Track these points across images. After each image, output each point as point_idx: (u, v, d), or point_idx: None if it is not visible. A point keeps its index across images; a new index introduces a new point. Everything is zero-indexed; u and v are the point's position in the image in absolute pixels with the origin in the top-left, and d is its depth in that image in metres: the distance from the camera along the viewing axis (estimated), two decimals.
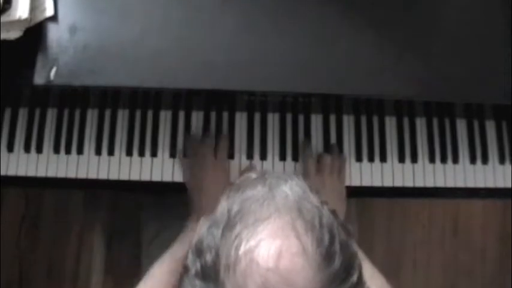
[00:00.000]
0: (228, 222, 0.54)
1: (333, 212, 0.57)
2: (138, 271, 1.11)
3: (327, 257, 0.52)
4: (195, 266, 0.54)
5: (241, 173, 1.05)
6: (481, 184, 1.09)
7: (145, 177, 1.06)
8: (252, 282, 0.51)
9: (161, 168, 1.06)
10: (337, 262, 0.52)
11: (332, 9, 0.95)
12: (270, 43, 0.93)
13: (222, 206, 0.57)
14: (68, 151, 1.06)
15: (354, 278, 0.53)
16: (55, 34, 0.92)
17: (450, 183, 1.08)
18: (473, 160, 1.09)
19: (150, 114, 1.08)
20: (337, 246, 0.53)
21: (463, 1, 0.99)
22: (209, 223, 0.56)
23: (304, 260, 0.51)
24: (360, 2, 0.97)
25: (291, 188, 0.56)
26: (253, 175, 0.60)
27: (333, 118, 1.09)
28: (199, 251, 0.55)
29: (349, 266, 0.53)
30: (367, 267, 0.92)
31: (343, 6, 0.95)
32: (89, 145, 1.06)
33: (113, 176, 1.06)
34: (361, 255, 0.92)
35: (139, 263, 1.18)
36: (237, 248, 0.52)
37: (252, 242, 0.52)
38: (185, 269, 0.56)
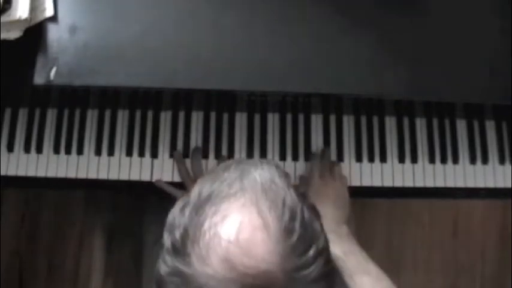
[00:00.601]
0: (198, 202, 0.57)
1: (301, 195, 0.59)
2: (138, 272, 1.11)
3: (286, 231, 0.55)
4: (167, 243, 0.58)
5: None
6: (481, 184, 1.09)
7: (146, 177, 1.06)
8: (215, 254, 0.54)
9: (161, 168, 1.06)
10: (295, 237, 0.55)
11: (332, 9, 0.95)
12: (270, 43, 0.93)
13: (195, 189, 0.60)
14: (68, 151, 1.06)
15: (312, 252, 0.55)
16: (55, 34, 0.92)
17: (450, 183, 1.08)
18: (473, 160, 1.09)
19: (150, 114, 1.08)
20: (297, 223, 0.55)
21: (463, 1, 0.99)
22: (182, 203, 0.59)
23: (264, 233, 0.54)
24: (360, 2, 0.97)
25: (260, 172, 0.59)
26: (229, 161, 0.63)
27: (333, 118, 1.09)
28: (171, 228, 0.58)
29: (308, 241, 0.56)
30: (372, 269, 0.92)
31: (343, 6, 0.95)
32: (89, 145, 1.06)
33: (113, 176, 1.06)
34: (366, 257, 0.93)
35: (139, 263, 1.18)
36: (202, 224, 0.55)
37: (216, 218, 0.55)
38: (161, 247, 0.59)
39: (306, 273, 0.55)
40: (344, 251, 0.92)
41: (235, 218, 0.55)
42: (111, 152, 1.06)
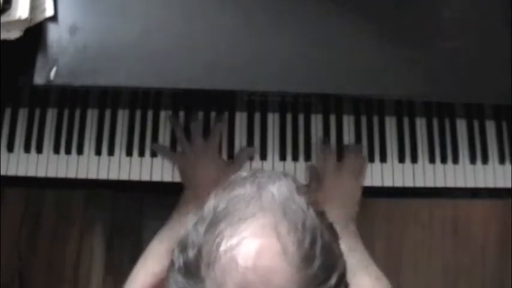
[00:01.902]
0: (213, 220, 0.54)
1: (320, 214, 0.57)
2: None
3: (307, 258, 0.52)
4: (178, 261, 0.55)
5: (238, 154, 1.06)
6: (481, 184, 1.09)
7: (145, 177, 1.06)
8: (231, 280, 0.51)
9: (161, 168, 1.06)
10: (316, 264, 0.52)
11: (332, 9, 0.95)
12: (270, 43, 0.93)
13: (209, 203, 0.57)
14: (68, 151, 1.06)
15: (333, 280, 0.53)
16: (55, 34, 0.92)
17: (450, 183, 1.08)
18: (473, 160, 1.09)
19: (150, 114, 1.08)
20: (318, 249, 0.53)
21: (463, 1, 0.99)
22: (196, 219, 0.57)
23: (283, 260, 0.51)
24: (360, 1, 0.97)
25: (278, 188, 0.56)
26: (243, 173, 0.60)
27: (333, 118, 1.09)
28: (183, 247, 0.55)
29: (329, 268, 0.53)
30: (373, 270, 0.93)
31: (343, 6, 0.95)
32: (89, 145, 1.06)
33: (113, 176, 1.06)
34: (368, 258, 0.93)
35: None
36: (218, 246, 0.52)
37: (234, 240, 0.52)
38: (171, 263, 0.56)
39: None
40: (349, 247, 0.92)
41: (254, 243, 0.52)
42: (111, 152, 1.06)
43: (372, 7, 0.96)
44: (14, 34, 0.90)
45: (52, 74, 0.90)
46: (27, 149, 1.06)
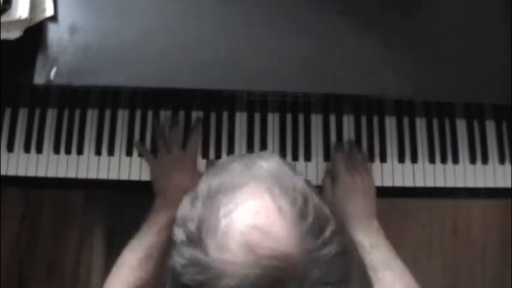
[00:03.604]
0: (209, 194, 0.58)
1: (308, 182, 0.61)
2: None
3: (301, 214, 0.56)
4: (180, 236, 0.58)
5: (209, 162, 1.07)
6: (481, 184, 1.09)
7: (145, 177, 1.06)
8: (233, 240, 0.54)
9: None
10: (310, 218, 0.56)
11: (332, 9, 0.95)
12: (270, 43, 0.93)
13: (202, 184, 0.60)
14: (68, 151, 1.06)
15: (327, 233, 0.56)
16: (55, 34, 0.92)
17: (450, 183, 1.08)
18: (473, 160, 1.09)
19: (150, 114, 1.08)
20: (310, 207, 0.57)
21: (463, 1, 0.99)
22: (190, 198, 0.60)
23: (280, 216, 0.55)
24: (360, 2, 0.97)
25: (267, 162, 0.61)
26: (230, 157, 0.65)
27: (333, 118, 1.09)
28: (183, 222, 0.58)
29: (323, 222, 0.57)
30: (396, 265, 0.95)
31: (343, 6, 0.95)
32: (89, 145, 1.06)
33: (113, 176, 1.06)
34: (393, 254, 0.96)
35: None
36: (217, 212, 0.56)
37: (231, 205, 0.56)
38: (172, 244, 0.59)
39: (324, 252, 0.56)
40: (371, 243, 0.95)
41: (250, 205, 0.56)
42: (111, 152, 1.06)
43: (372, 7, 0.96)
44: (14, 34, 0.90)
45: (52, 74, 0.90)
46: (27, 149, 1.06)
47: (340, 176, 1.02)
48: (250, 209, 0.56)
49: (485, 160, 1.09)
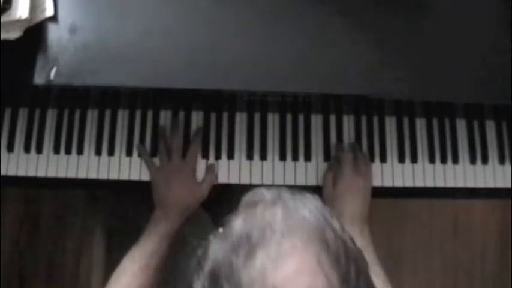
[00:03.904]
0: (249, 251, 0.52)
1: (353, 240, 0.56)
2: None
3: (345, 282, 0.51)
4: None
5: (207, 170, 1.05)
6: (481, 184, 1.09)
7: (145, 177, 1.06)
8: None
9: None
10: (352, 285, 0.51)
11: (332, 9, 0.95)
12: (270, 43, 0.93)
13: (238, 227, 0.54)
14: (68, 151, 1.06)
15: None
16: (55, 34, 0.92)
17: (450, 183, 1.08)
18: (473, 160, 1.09)
19: (150, 114, 1.08)
20: (362, 282, 0.52)
21: (463, 1, 0.99)
22: (224, 245, 0.54)
23: None
24: (360, 2, 0.97)
25: (310, 212, 0.54)
26: (266, 194, 0.57)
27: (333, 118, 1.09)
28: (215, 279, 0.52)
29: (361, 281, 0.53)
30: (380, 273, 0.93)
31: (343, 6, 0.95)
32: (89, 145, 1.06)
33: (113, 176, 1.06)
34: (376, 260, 0.95)
35: None
36: (264, 284, 0.50)
37: (278, 278, 0.50)
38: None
39: None
40: (362, 245, 0.92)
41: (299, 281, 0.50)
42: (111, 152, 1.06)
43: (372, 7, 0.96)
44: (14, 34, 0.90)
45: (52, 74, 0.90)
46: (27, 149, 1.06)
47: (344, 176, 1.02)
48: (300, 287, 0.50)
49: (485, 160, 1.09)
